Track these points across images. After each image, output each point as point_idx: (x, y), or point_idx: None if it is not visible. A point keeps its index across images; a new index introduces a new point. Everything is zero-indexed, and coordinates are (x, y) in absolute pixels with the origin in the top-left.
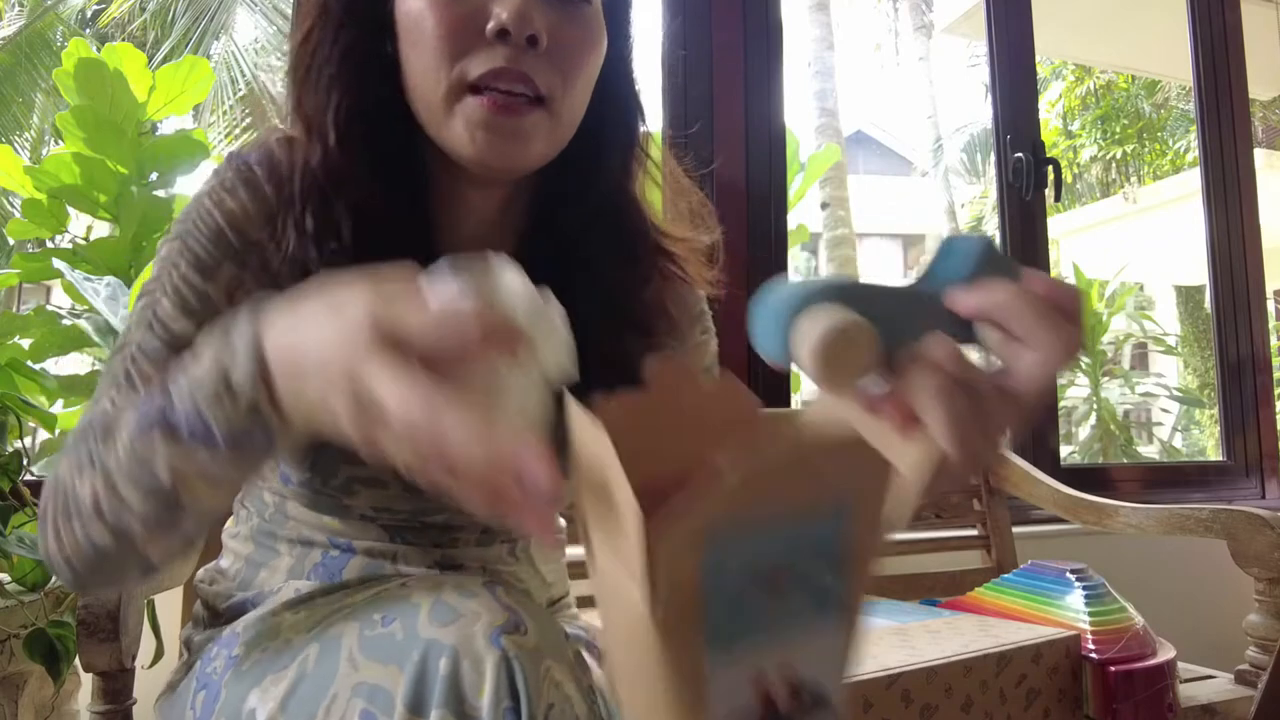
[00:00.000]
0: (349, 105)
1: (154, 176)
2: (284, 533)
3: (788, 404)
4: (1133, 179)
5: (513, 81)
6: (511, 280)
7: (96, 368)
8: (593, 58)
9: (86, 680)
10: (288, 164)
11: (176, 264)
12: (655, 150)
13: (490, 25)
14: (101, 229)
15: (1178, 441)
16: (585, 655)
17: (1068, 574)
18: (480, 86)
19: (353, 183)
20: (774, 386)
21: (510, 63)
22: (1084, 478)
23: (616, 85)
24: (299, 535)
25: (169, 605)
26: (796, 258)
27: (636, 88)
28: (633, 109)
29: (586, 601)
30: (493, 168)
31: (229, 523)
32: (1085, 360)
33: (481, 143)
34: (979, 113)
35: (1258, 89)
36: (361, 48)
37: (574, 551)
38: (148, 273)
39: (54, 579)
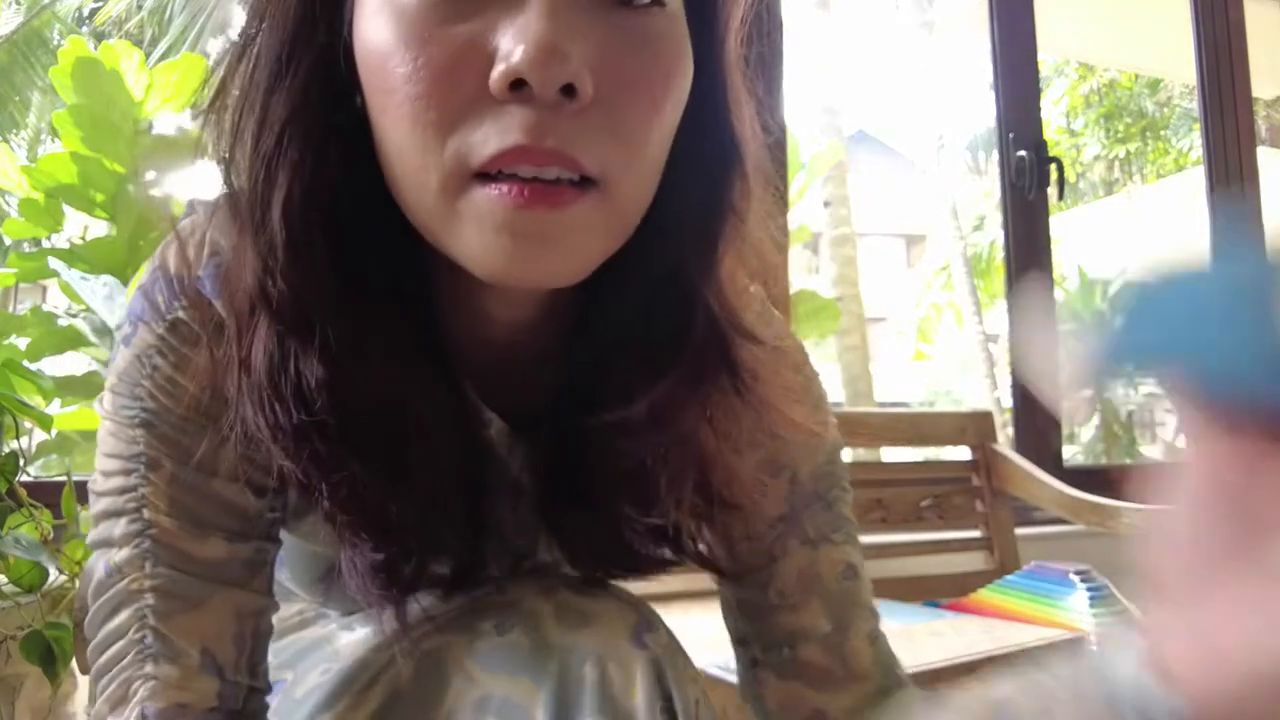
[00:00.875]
0: (302, 193)
1: (151, 175)
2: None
3: None
4: (1135, 178)
5: (542, 163)
6: None
7: (93, 367)
8: (672, 97)
9: (83, 682)
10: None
11: (156, 463)
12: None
13: (497, 72)
14: (98, 228)
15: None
16: None
17: (1071, 575)
18: (493, 173)
19: (320, 312)
20: None
21: (534, 135)
22: (1087, 478)
23: (701, 124)
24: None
25: None
26: (799, 256)
27: (733, 122)
28: (725, 156)
29: None
30: (525, 284)
31: None
32: None
33: (505, 252)
34: (981, 111)
35: (1261, 88)
36: (315, 107)
37: None
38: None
39: (51, 579)
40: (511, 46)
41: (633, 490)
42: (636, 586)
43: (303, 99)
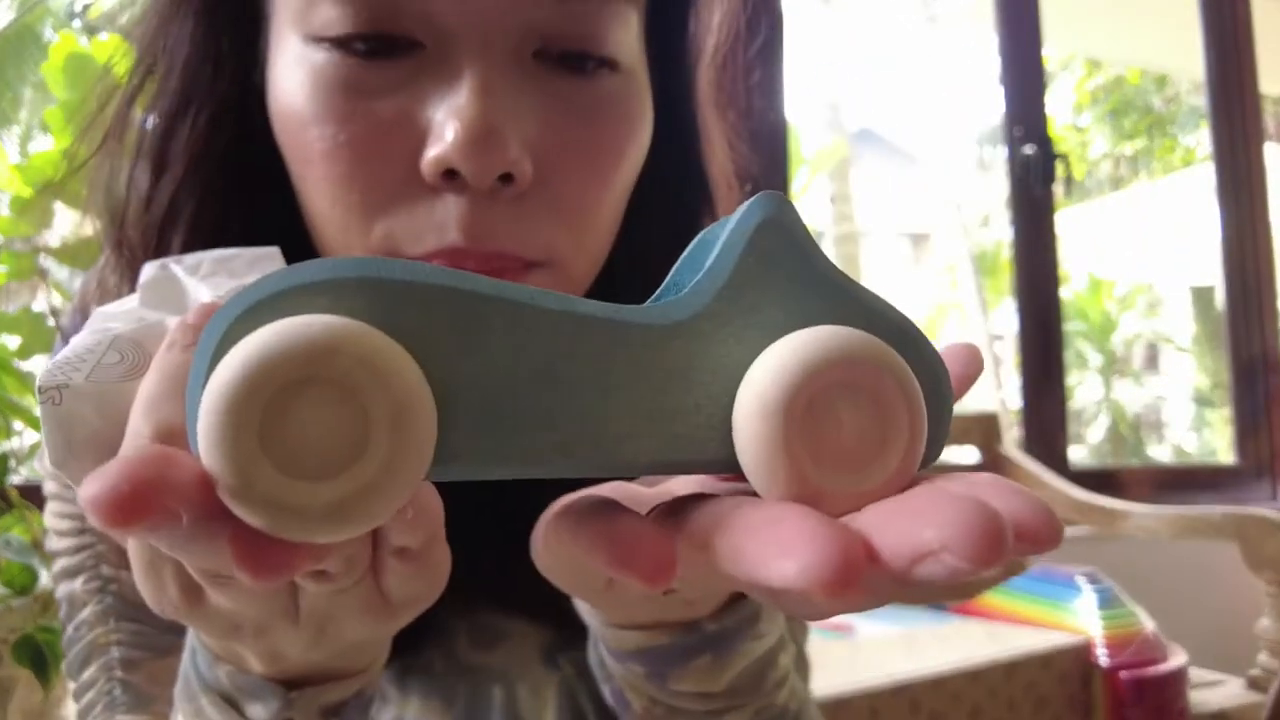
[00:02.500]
0: (208, 240)
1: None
2: None
3: None
4: (1142, 174)
5: (480, 261)
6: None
7: None
8: (622, 169)
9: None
10: None
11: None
12: None
13: (429, 157)
14: (89, 226)
15: (1189, 442)
16: None
17: (1077, 578)
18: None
19: None
20: None
21: (471, 234)
22: (1094, 480)
23: (665, 169)
24: None
25: None
26: None
27: (701, 165)
28: (691, 205)
29: None
30: None
31: None
32: (1098, 359)
33: None
34: (987, 107)
35: (1270, 84)
36: (224, 140)
37: None
38: None
39: (42, 582)
40: (443, 128)
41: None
42: None
43: (203, 149)
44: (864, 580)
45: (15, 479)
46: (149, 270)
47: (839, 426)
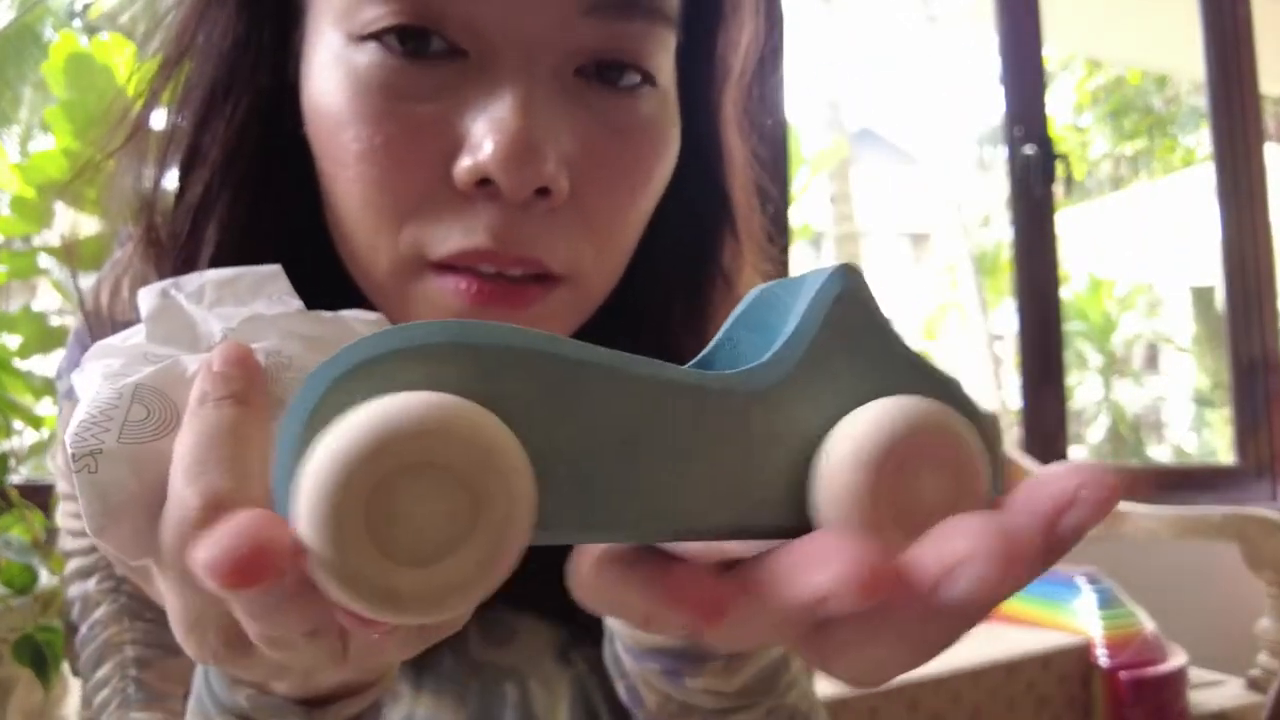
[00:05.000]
0: (238, 246)
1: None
2: None
3: None
4: (1143, 174)
5: (506, 265)
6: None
7: None
8: (650, 188)
9: (75, 686)
10: None
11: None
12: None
13: (464, 165)
14: (90, 226)
15: (1189, 443)
16: None
17: (1077, 579)
18: (452, 265)
19: None
20: None
21: (501, 240)
22: None
23: (689, 187)
24: None
25: None
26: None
27: (724, 183)
28: (710, 219)
29: None
30: None
31: None
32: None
33: None
34: (988, 107)
35: (1270, 84)
36: (252, 150)
37: None
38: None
39: (42, 582)
40: (481, 139)
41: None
42: None
43: (238, 145)
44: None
45: (15, 478)
46: (150, 299)
47: (920, 491)
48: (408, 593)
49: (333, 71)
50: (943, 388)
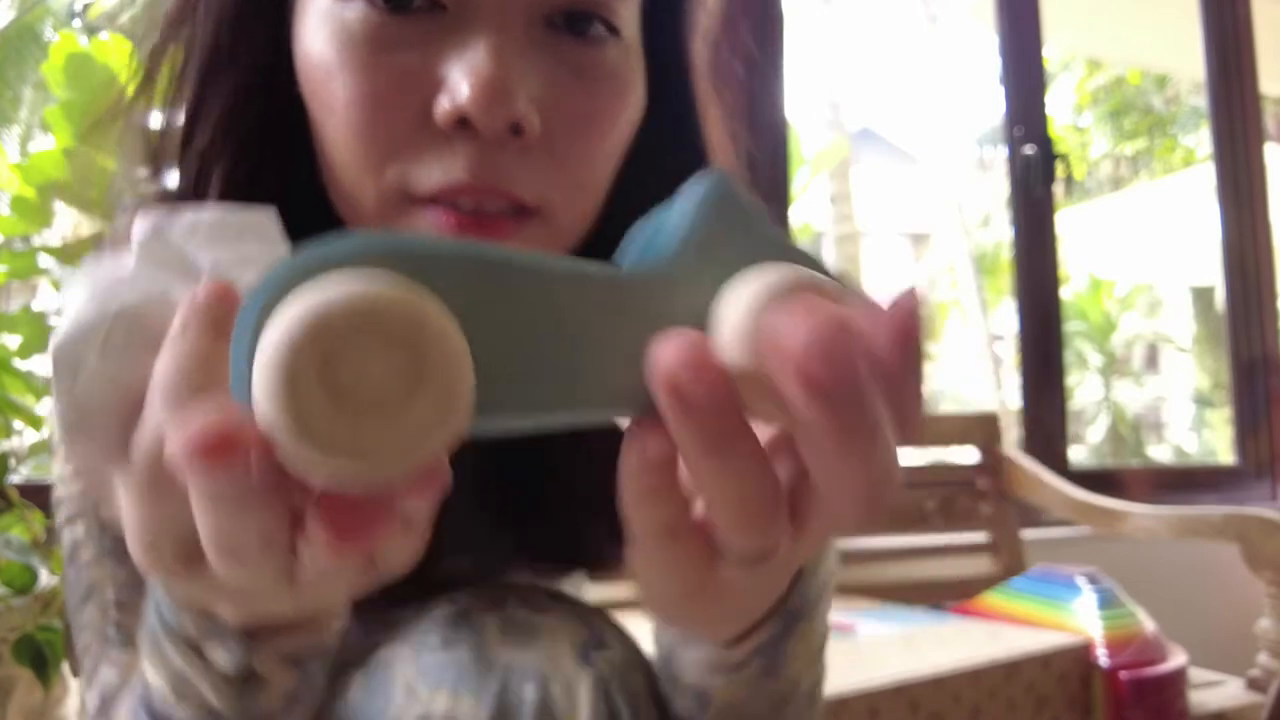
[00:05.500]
0: (236, 188)
1: (144, 172)
2: None
3: None
4: (1143, 174)
5: (483, 198)
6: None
7: None
8: (617, 130)
9: (75, 685)
10: None
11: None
12: None
13: (443, 107)
14: (91, 226)
15: (1189, 443)
16: None
17: (1077, 579)
18: (433, 199)
19: None
20: None
21: (477, 174)
22: (1094, 481)
23: (659, 135)
24: None
25: None
26: None
27: (696, 132)
28: (684, 168)
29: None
30: None
31: None
32: (1099, 359)
33: None
34: (988, 107)
35: (1270, 84)
36: (251, 101)
37: None
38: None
39: (42, 582)
40: (458, 82)
41: (587, 487)
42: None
43: (240, 95)
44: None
45: (15, 478)
46: (144, 228)
47: None
48: (372, 442)
49: (322, 27)
50: (804, 258)
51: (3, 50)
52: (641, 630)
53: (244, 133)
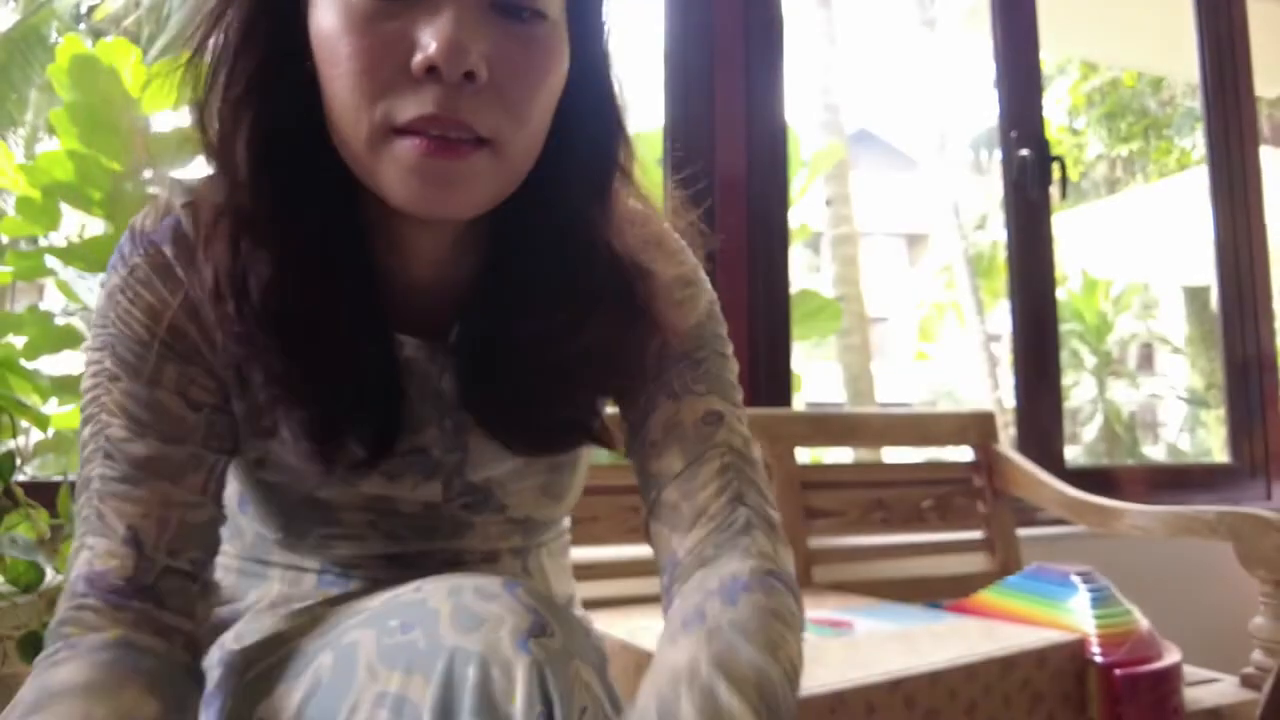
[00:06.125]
0: (262, 130)
1: (148, 173)
2: (273, 559)
3: (788, 403)
4: (1138, 177)
5: (447, 127)
6: None
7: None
8: (548, 83)
9: None
10: (194, 235)
11: (114, 377)
12: (645, 166)
13: (417, 60)
14: (95, 226)
15: (1184, 442)
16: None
17: (1072, 577)
18: (409, 130)
19: (272, 223)
20: (775, 381)
21: (442, 108)
22: (1089, 479)
23: (585, 101)
24: (288, 562)
25: None
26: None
27: (613, 99)
28: (606, 126)
29: (589, 604)
30: (431, 215)
31: None
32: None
33: (416, 189)
34: (984, 110)
35: (1264, 86)
36: (274, 65)
37: (579, 554)
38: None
39: (47, 579)
40: (429, 42)
41: (546, 384)
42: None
43: (265, 58)
44: None
45: (21, 477)
46: None
47: None
48: None
49: (329, 7)
50: None
51: (8, 53)
52: (638, 624)
53: (268, 88)
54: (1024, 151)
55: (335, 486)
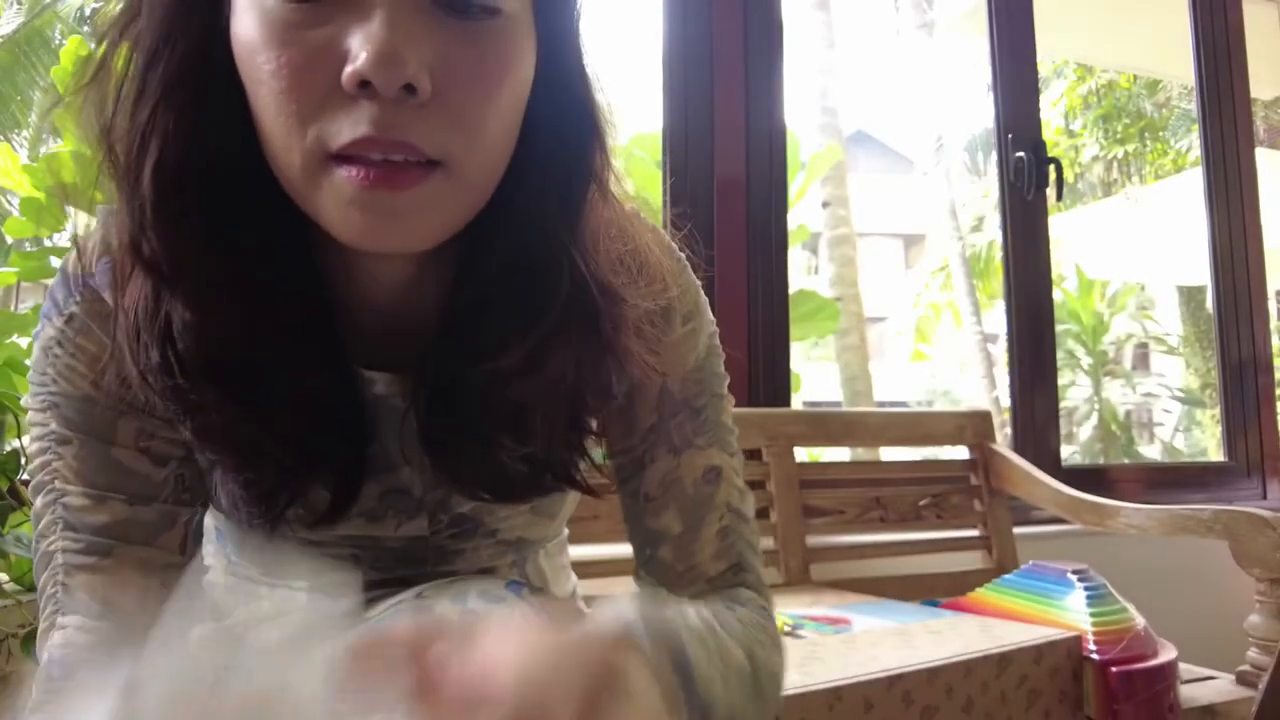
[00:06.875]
0: (174, 159)
1: None
2: (260, 576)
3: (786, 403)
4: (1134, 178)
5: (389, 150)
6: None
7: None
8: (506, 89)
9: None
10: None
11: (63, 440)
12: (620, 177)
13: (346, 73)
14: None
15: (1179, 441)
16: None
17: (1069, 575)
18: (347, 157)
19: (188, 264)
20: (773, 381)
21: (380, 128)
22: (1085, 478)
23: (555, 104)
24: (277, 580)
25: None
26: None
27: (589, 100)
28: (580, 133)
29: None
30: (380, 249)
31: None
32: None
33: (358, 223)
34: (980, 112)
35: (1259, 89)
36: (191, 82)
37: (579, 552)
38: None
39: None
40: (358, 51)
41: (508, 425)
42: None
43: (177, 76)
44: None
45: (25, 476)
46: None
47: None
48: None
49: (248, 13)
50: None
51: (12, 55)
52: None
53: (181, 104)
54: (1020, 153)
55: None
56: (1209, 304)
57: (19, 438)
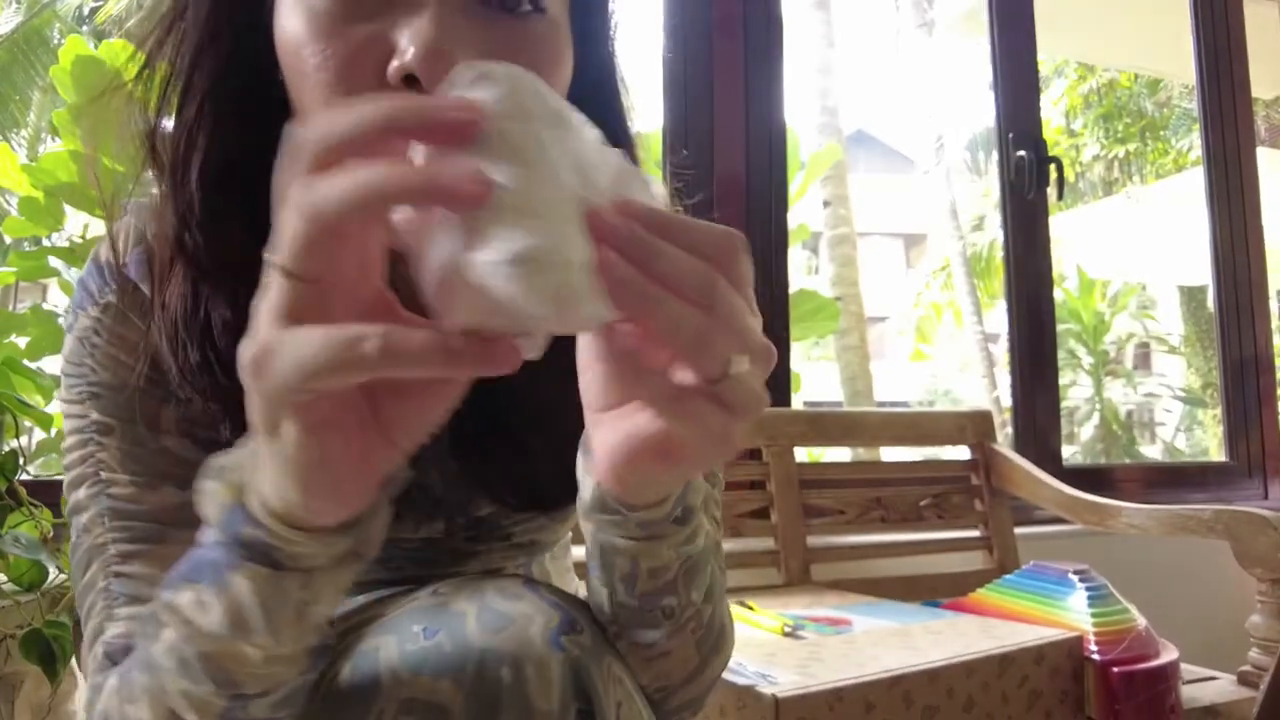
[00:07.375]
0: (221, 157)
1: (151, 174)
2: None
3: (787, 403)
4: (1135, 178)
5: None
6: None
7: None
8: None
9: (83, 681)
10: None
11: (106, 429)
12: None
13: (393, 67)
14: (98, 227)
15: (1181, 441)
16: None
17: (1070, 575)
18: None
19: (232, 259)
20: (774, 381)
21: None
22: (1086, 478)
23: (589, 110)
24: None
25: None
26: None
27: (620, 106)
28: (611, 137)
29: None
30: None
31: None
32: (1089, 362)
33: (400, 223)
34: (981, 111)
35: (1260, 88)
36: (236, 79)
37: (580, 551)
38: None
39: (50, 578)
40: (405, 46)
41: (537, 426)
42: None
43: (223, 73)
44: None
45: (24, 476)
46: None
47: None
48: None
49: (293, 8)
50: None
51: (11, 54)
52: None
53: (227, 101)
54: (1021, 152)
55: None
56: (1210, 303)
57: (18, 438)
